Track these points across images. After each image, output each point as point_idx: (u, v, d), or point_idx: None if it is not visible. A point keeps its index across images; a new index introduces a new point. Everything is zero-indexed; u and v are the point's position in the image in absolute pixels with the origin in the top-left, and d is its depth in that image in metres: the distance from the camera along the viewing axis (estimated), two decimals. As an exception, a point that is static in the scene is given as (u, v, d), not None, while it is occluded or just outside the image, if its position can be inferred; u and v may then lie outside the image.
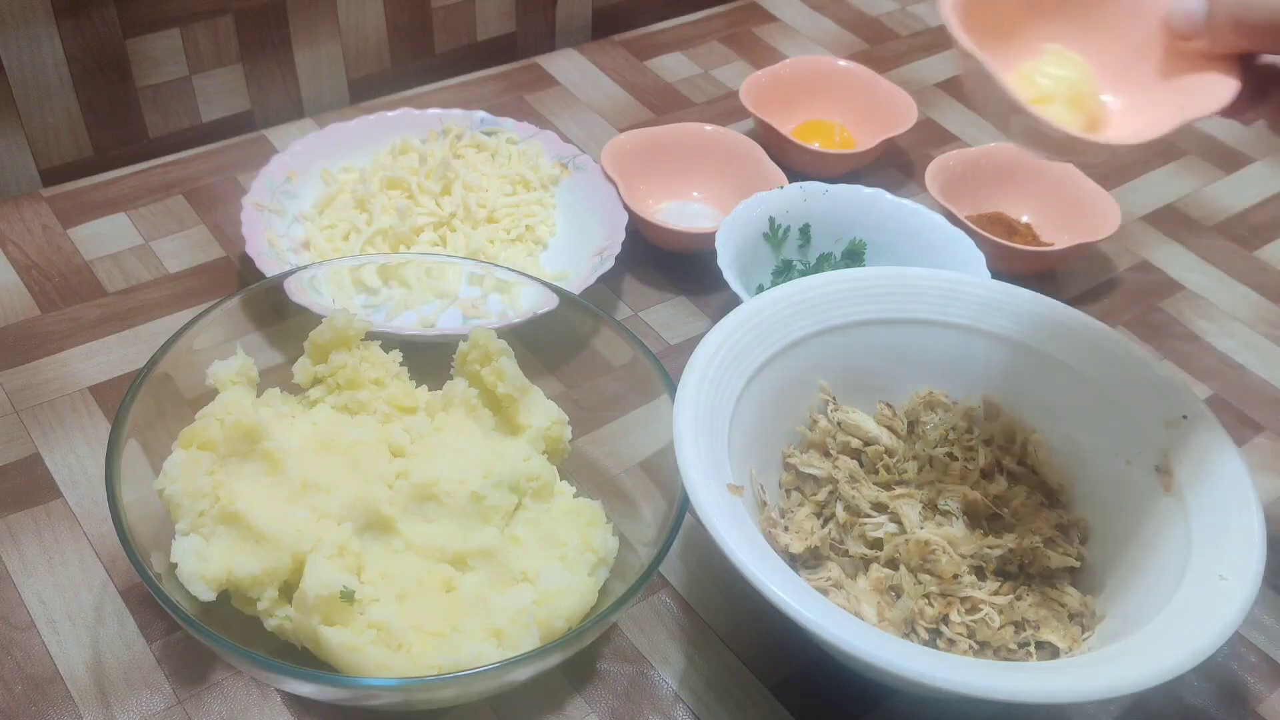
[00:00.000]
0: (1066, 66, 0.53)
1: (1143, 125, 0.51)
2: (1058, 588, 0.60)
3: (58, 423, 0.70)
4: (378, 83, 1.00)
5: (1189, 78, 0.51)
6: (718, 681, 0.60)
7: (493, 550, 0.58)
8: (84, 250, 0.81)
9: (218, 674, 0.59)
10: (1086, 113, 0.52)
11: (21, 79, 0.83)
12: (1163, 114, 0.51)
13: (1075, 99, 0.52)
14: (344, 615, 0.54)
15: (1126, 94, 0.54)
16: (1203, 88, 0.51)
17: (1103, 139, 0.51)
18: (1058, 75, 0.53)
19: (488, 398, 0.64)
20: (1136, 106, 0.53)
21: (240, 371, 0.60)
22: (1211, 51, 0.50)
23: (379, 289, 0.75)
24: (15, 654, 0.59)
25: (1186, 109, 0.50)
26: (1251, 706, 0.62)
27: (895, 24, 1.14)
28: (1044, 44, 0.55)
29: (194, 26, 0.88)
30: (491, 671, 0.51)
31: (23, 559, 0.63)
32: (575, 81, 1.01)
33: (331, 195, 0.83)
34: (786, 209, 0.80)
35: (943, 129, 1.01)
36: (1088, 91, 0.53)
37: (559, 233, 0.85)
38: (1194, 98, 0.50)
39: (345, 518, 0.57)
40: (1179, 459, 0.59)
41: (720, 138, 0.90)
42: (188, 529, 0.55)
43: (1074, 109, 0.52)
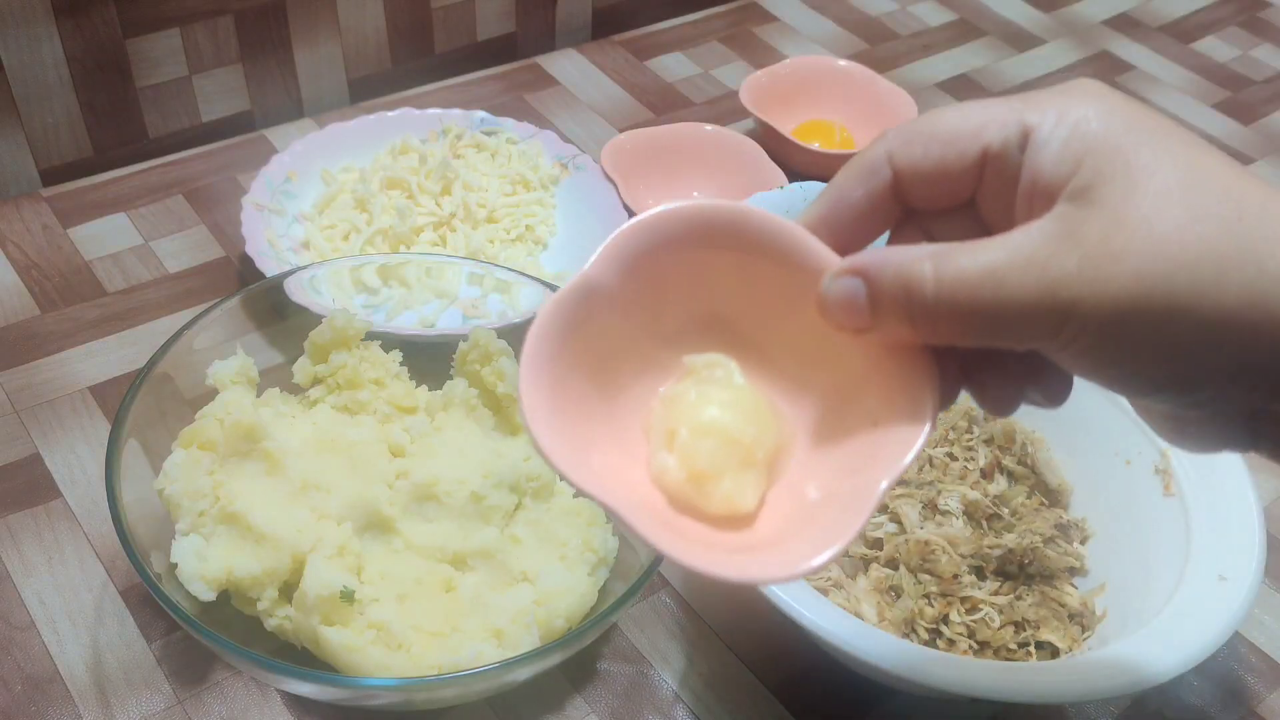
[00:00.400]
0: (714, 405, 0.37)
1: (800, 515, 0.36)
2: (1058, 588, 0.60)
3: (58, 423, 0.70)
4: (378, 83, 1.00)
5: (867, 397, 0.37)
6: (718, 681, 0.60)
7: (493, 550, 0.58)
8: (84, 250, 0.81)
9: (218, 674, 0.59)
10: (761, 459, 0.37)
11: (21, 79, 0.83)
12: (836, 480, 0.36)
13: (742, 455, 0.37)
14: (344, 615, 0.53)
15: (793, 397, 0.39)
16: (886, 426, 0.36)
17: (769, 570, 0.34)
18: (707, 434, 0.37)
19: (488, 398, 0.64)
20: (811, 430, 0.38)
21: (240, 371, 0.60)
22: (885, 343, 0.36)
23: (379, 289, 0.75)
24: (15, 654, 0.59)
25: (858, 490, 0.35)
26: (1251, 706, 0.62)
27: (895, 24, 1.14)
28: (682, 359, 0.39)
29: (194, 26, 0.88)
30: (491, 671, 0.51)
31: (23, 559, 0.63)
32: (575, 81, 1.01)
33: (331, 195, 0.83)
34: (786, 209, 0.80)
35: (943, 129, 1.00)
36: (750, 436, 0.37)
37: (559, 233, 0.85)
38: (872, 455, 0.36)
39: (345, 518, 0.57)
40: (1179, 459, 0.60)
41: (720, 138, 0.90)
42: (188, 529, 0.55)
43: (744, 470, 0.37)
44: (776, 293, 0.38)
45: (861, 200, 0.37)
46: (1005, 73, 1.08)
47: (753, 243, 0.37)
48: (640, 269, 0.37)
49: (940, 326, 0.34)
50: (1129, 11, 1.19)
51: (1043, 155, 0.33)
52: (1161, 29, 1.16)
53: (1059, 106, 0.34)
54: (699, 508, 0.37)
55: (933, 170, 0.36)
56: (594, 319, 0.37)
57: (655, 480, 0.37)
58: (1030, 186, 0.34)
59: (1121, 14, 1.18)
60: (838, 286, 0.35)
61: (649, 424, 0.38)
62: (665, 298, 0.38)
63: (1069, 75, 1.09)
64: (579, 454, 0.35)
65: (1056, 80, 1.08)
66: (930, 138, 0.35)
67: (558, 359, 0.36)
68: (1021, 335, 0.33)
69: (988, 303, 0.32)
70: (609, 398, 0.38)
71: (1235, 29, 1.18)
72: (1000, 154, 0.34)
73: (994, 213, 0.36)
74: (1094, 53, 1.12)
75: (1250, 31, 1.17)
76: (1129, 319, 0.31)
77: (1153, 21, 1.17)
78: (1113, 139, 0.32)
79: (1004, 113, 0.34)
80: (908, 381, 0.36)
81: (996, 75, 1.08)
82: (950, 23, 1.15)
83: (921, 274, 0.33)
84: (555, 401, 0.36)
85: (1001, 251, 0.33)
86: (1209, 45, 1.15)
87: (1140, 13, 1.19)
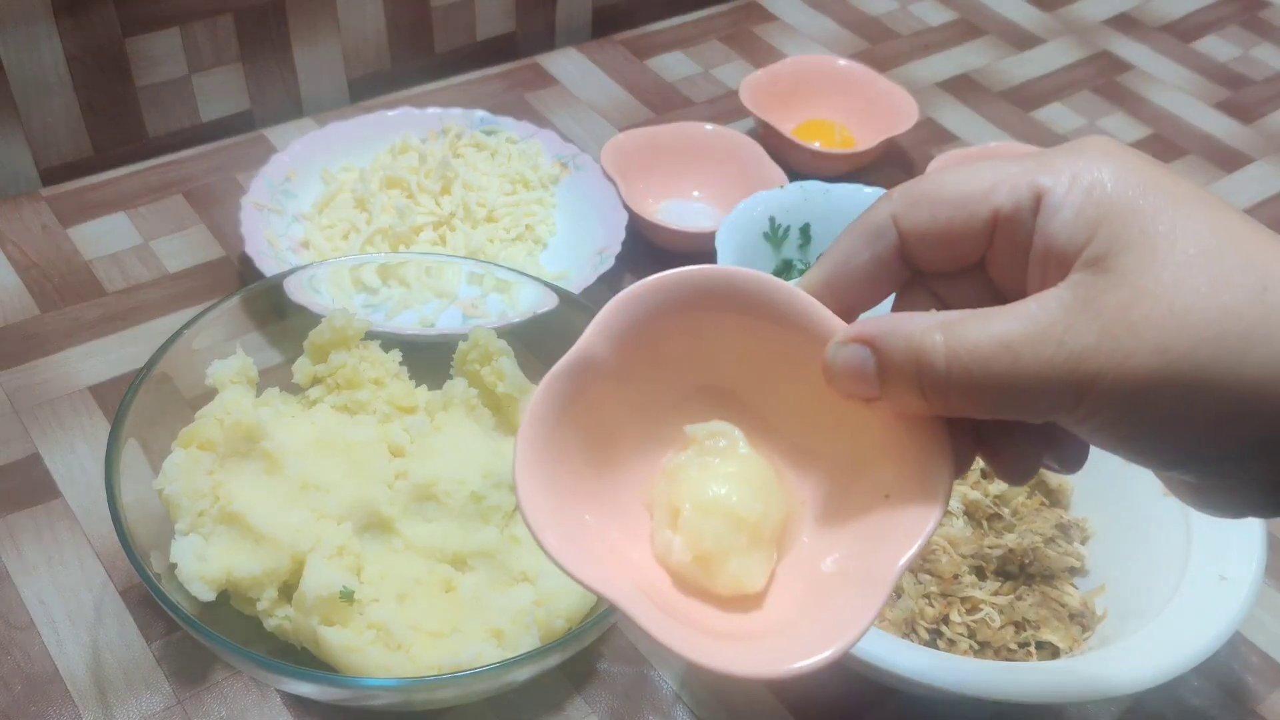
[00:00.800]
0: (719, 480, 0.36)
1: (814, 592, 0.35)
2: (1058, 588, 0.60)
3: (57, 423, 0.70)
4: (377, 82, 1.00)
5: (878, 468, 0.35)
6: (717, 681, 0.60)
7: (493, 550, 0.58)
8: (84, 250, 0.81)
9: (217, 674, 0.58)
10: (769, 535, 0.36)
11: (21, 78, 0.83)
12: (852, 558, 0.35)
13: (750, 532, 0.35)
14: (344, 615, 0.53)
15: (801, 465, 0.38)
16: (894, 509, 0.34)
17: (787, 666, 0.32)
18: (713, 512, 0.35)
19: (487, 397, 0.64)
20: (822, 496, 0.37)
21: (240, 371, 0.60)
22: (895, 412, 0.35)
23: (378, 288, 0.75)
24: (15, 654, 0.59)
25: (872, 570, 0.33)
26: (1251, 707, 0.62)
27: (895, 23, 1.14)
28: (684, 429, 0.37)
29: (194, 26, 0.88)
30: (491, 671, 0.51)
31: (22, 559, 0.63)
32: (575, 81, 1.01)
33: (331, 195, 0.83)
34: (787, 208, 0.79)
35: (943, 128, 1.01)
36: (757, 513, 0.35)
37: (559, 232, 0.85)
38: (884, 531, 0.34)
39: (345, 518, 0.57)
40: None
41: (720, 137, 0.90)
42: (187, 529, 0.55)
43: (752, 548, 0.35)
44: (779, 359, 0.37)
45: (867, 263, 0.36)
46: (1005, 72, 1.08)
47: (753, 307, 0.36)
48: (636, 339, 0.36)
49: (952, 399, 0.32)
50: (1129, 11, 1.19)
51: (1056, 221, 0.32)
52: (1162, 28, 1.16)
53: (1072, 167, 0.32)
54: (706, 588, 0.35)
55: (940, 234, 0.34)
56: (589, 393, 0.36)
57: (659, 559, 0.36)
58: (1043, 253, 0.32)
59: (1122, 13, 1.18)
60: (844, 355, 0.34)
61: (651, 498, 0.37)
62: (663, 367, 0.37)
63: (1070, 75, 1.09)
64: (579, 541, 0.34)
65: (1058, 80, 1.08)
66: (937, 200, 0.34)
67: (553, 438, 0.35)
68: (1037, 408, 0.32)
69: (1002, 376, 0.31)
70: (608, 472, 0.37)
71: (1235, 28, 1.18)
72: (1011, 218, 0.33)
73: (1005, 276, 0.34)
74: (1094, 52, 1.12)
75: (1250, 31, 1.17)
76: (1151, 394, 0.30)
77: (1153, 21, 1.17)
78: (1129, 203, 0.31)
79: (1015, 174, 0.33)
80: (920, 452, 0.34)
81: (997, 75, 1.08)
82: (951, 22, 1.14)
83: (932, 346, 0.32)
84: (553, 486, 0.35)
85: (1016, 322, 0.31)
86: (1209, 45, 1.15)
87: (1140, 12, 1.19)
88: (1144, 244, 0.31)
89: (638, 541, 0.36)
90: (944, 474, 0.34)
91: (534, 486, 0.34)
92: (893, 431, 0.35)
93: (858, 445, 0.36)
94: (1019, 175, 0.33)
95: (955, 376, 0.32)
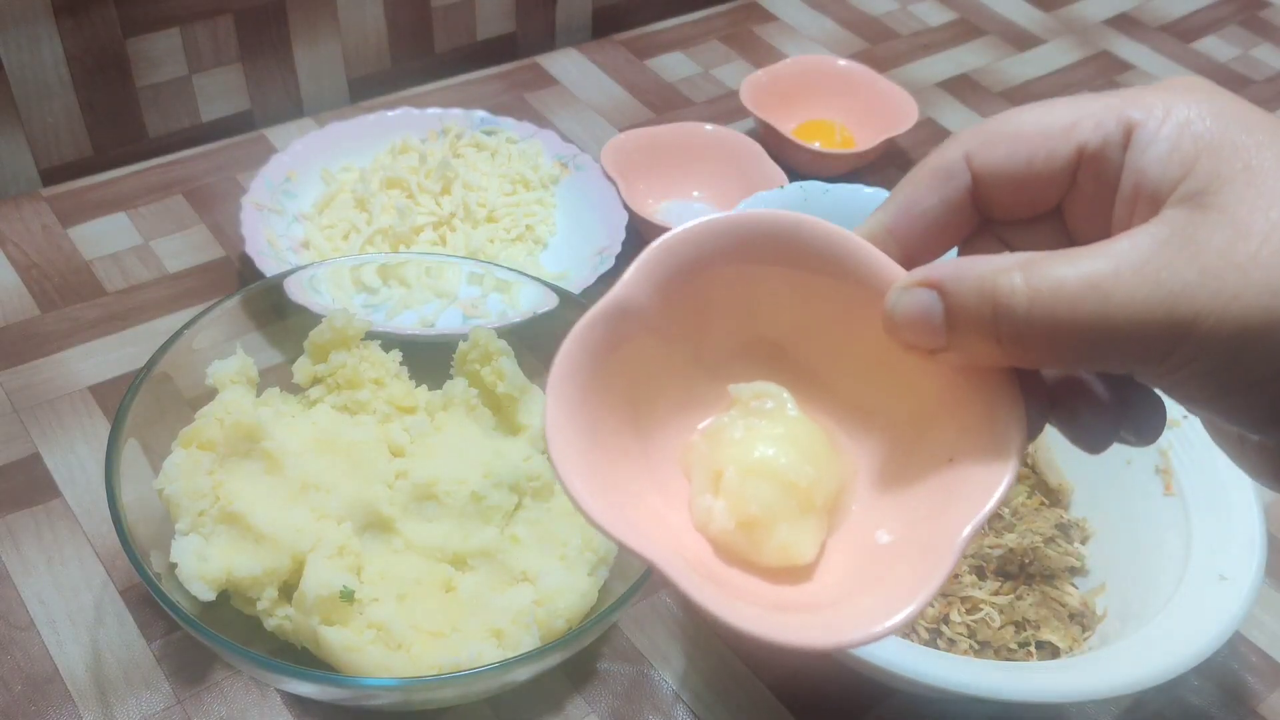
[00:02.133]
0: (765, 441, 0.33)
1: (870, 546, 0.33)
2: (1058, 588, 0.60)
3: (57, 422, 0.70)
4: (378, 82, 1.00)
5: (942, 429, 0.33)
6: (718, 681, 0.60)
7: (493, 550, 0.58)
8: (84, 250, 0.81)
9: (217, 674, 0.58)
10: (821, 503, 0.33)
11: (21, 79, 0.83)
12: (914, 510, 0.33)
13: (800, 499, 0.32)
14: (344, 615, 0.53)
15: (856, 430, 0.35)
16: (964, 471, 0.31)
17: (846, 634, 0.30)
18: (759, 475, 0.33)
19: (487, 397, 0.64)
20: (880, 451, 0.35)
21: (240, 371, 0.60)
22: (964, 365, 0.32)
23: (378, 288, 0.75)
24: (15, 654, 0.59)
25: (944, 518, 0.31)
26: (1252, 706, 0.62)
27: (896, 23, 1.14)
28: (728, 388, 0.35)
29: (194, 26, 0.88)
30: (491, 671, 0.51)
31: (22, 559, 0.63)
32: (575, 81, 1.01)
33: (331, 195, 0.83)
34: (787, 208, 0.79)
35: (944, 129, 1.01)
36: (808, 478, 0.33)
37: (559, 232, 0.85)
38: (948, 497, 0.31)
39: (345, 518, 0.57)
40: (1179, 459, 0.59)
41: (720, 137, 0.90)
42: (187, 529, 0.55)
43: (802, 516, 0.33)
44: (834, 312, 0.34)
45: (936, 208, 0.33)
46: (1005, 72, 1.08)
47: (806, 256, 0.33)
48: (679, 288, 0.33)
49: (1032, 347, 0.29)
50: (1129, 11, 1.19)
51: (1149, 155, 0.30)
52: (1162, 28, 1.16)
53: (1165, 102, 0.30)
54: (750, 559, 0.32)
55: (1019, 173, 0.32)
56: (627, 344, 0.33)
57: (699, 527, 0.33)
58: (1133, 190, 0.30)
59: (1122, 13, 1.18)
60: (908, 300, 0.31)
61: (689, 462, 0.34)
62: (707, 320, 0.34)
63: (1070, 75, 1.09)
64: (615, 501, 0.31)
65: (1058, 80, 1.08)
66: (1016, 137, 0.32)
67: (587, 390, 0.32)
68: (1127, 357, 0.29)
69: (1091, 319, 0.28)
70: (645, 432, 0.34)
71: (1235, 28, 1.18)
72: (1098, 154, 0.31)
73: (1085, 221, 0.32)
74: (1094, 52, 1.12)
75: (1250, 31, 1.17)
76: (1256, 339, 0.27)
77: (1153, 21, 1.17)
78: (1230, 137, 0.29)
79: (1100, 109, 0.31)
80: (988, 410, 0.31)
81: (997, 75, 1.08)
82: (951, 22, 1.14)
83: (1010, 287, 0.29)
84: (587, 443, 0.32)
85: (1105, 260, 0.29)
86: (1209, 45, 1.15)
87: (1141, 12, 1.19)
88: (1248, 179, 0.28)
89: (677, 508, 0.33)
90: (1016, 433, 0.31)
91: (567, 440, 0.31)
92: (957, 388, 0.32)
93: (918, 404, 0.33)
94: (1105, 110, 0.31)
95: (1037, 319, 0.29)
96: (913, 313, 0.31)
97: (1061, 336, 0.29)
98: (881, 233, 0.33)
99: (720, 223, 0.33)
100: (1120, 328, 0.28)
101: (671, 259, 0.33)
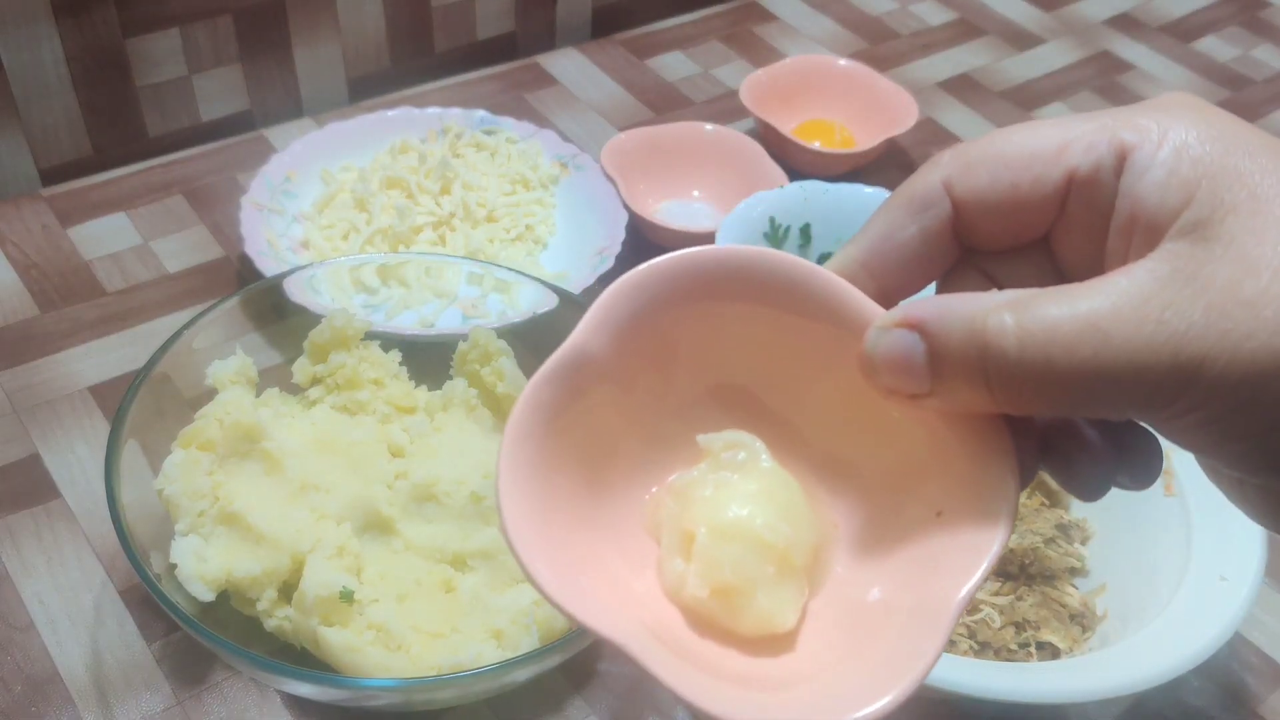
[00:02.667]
0: (738, 498, 0.31)
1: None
2: (1058, 588, 0.60)
3: (57, 423, 0.70)
4: (377, 82, 1.00)
5: (926, 481, 0.31)
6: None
7: (493, 550, 0.58)
8: (83, 250, 0.81)
9: (217, 674, 0.58)
10: (800, 563, 0.31)
11: (21, 79, 0.83)
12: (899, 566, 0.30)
13: (777, 561, 0.30)
14: (344, 616, 0.53)
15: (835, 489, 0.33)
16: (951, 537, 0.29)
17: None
18: (732, 537, 0.30)
19: (487, 398, 0.64)
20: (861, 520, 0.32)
21: (239, 371, 0.60)
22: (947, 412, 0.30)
23: (378, 289, 0.75)
24: (15, 654, 0.59)
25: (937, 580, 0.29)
26: (1252, 707, 0.61)
27: (896, 23, 1.14)
28: (696, 438, 0.32)
29: (194, 26, 0.88)
30: (491, 672, 0.51)
31: (22, 559, 0.63)
32: (575, 81, 1.01)
33: (331, 195, 0.83)
34: (787, 208, 0.79)
35: (944, 128, 1.00)
36: (785, 538, 0.30)
37: (558, 232, 0.85)
38: (936, 556, 0.29)
39: (345, 518, 0.57)
40: (1180, 460, 0.59)
41: (720, 137, 0.90)
42: (187, 529, 0.55)
43: (781, 580, 0.30)
44: (806, 354, 0.31)
45: (914, 239, 0.31)
46: (1006, 72, 1.08)
47: (774, 292, 0.31)
48: (639, 333, 0.31)
49: (1025, 392, 0.27)
50: (1129, 11, 1.19)
51: (1145, 181, 0.28)
52: (1162, 28, 1.16)
53: (1159, 123, 0.28)
54: (726, 627, 0.30)
55: (1003, 200, 0.30)
56: (585, 396, 0.31)
57: (669, 593, 0.30)
58: (1129, 219, 0.28)
59: (1122, 13, 1.18)
60: (887, 341, 0.29)
61: (656, 522, 0.32)
62: (672, 365, 0.32)
63: (1070, 75, 1.09)
64: (575, 574, 0.29)
65: (1058, 80, 1.08)
66: (999, 161, 0.30)
67: (542, 453, 0.30)
68: (1128, 403, 0.27)
69: (1089, 362, 0.26)
70: (605, 491, 0.31)
71: (1236, 28, 1.18)
72: (1090, 179, 0.29)
73: (1075, 251, 0.30)
74: (1095, 52, 1.12)
75: (1251, 31, 1.17)
76: (1268, 382, 0.25)
77: (1153, 21, 1.17)
78: (1231, 163, 0.27)
79: (1091, 131, 0.29)
80: (978, 461, 0.29)
81: (997, 75, 1.08)
82: (951, 22, 1.14)
83: (1000, 328, 0.27)
84: (542, 511, 0.29)
85: (1104, 298, 0.26)
86: (1209, 45, 1.15)
87: (1141, 12, 1.19)
88: (1253, 208, 0.26)
89: (643, 573, 0.31)
90: (1008, 484, 0.29)
91: (521, 512, 0.29)
92: (942, 436, 0.30)
93: (899, 453, 0.31)
94: (1096, 132, 0.29)
95: (1030, 363, 0.27)
96: (893, 355, 0.29)
97: (1057, 381, 0.27)
98: (854, 267, 0.31)
99: (680, 259, 0.31)
100: (1121, 372, 0.26)
101: (629, 302, 0.31)
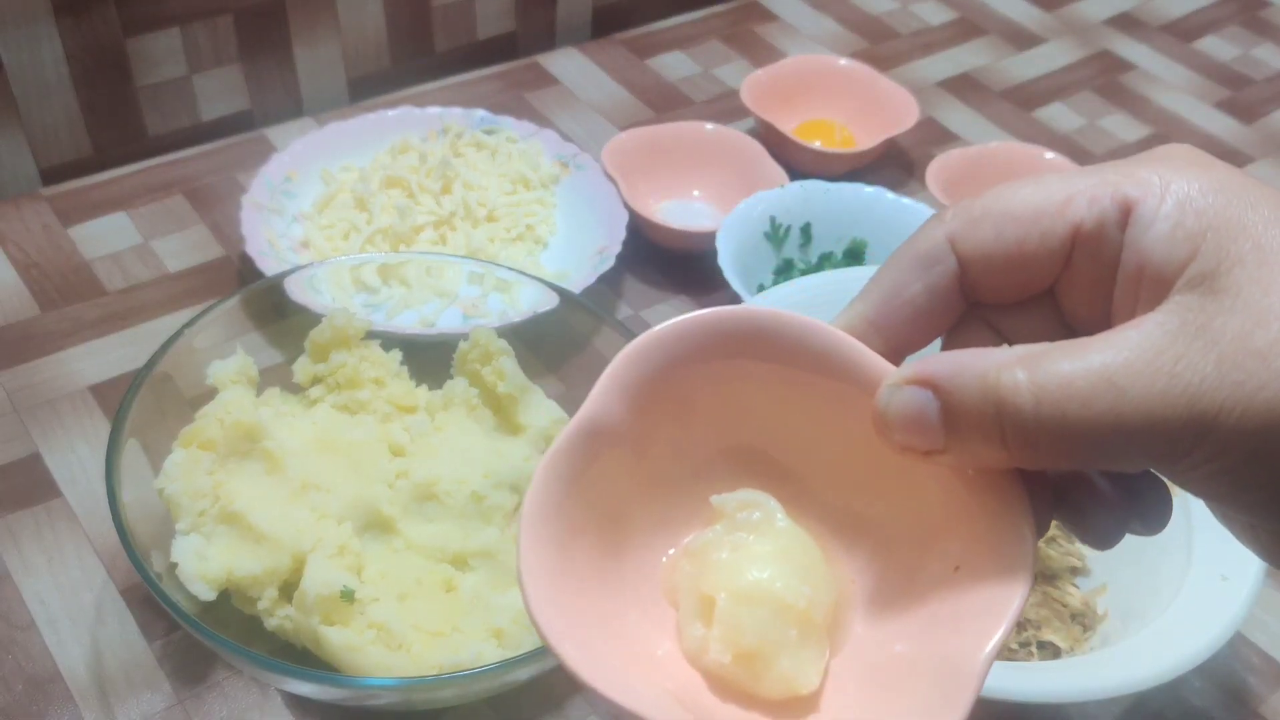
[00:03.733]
0: (757, 561, 0.31)
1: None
2: (1059, 588, 0.60)
3: (58, 422, 0.70)
4: (377, 82, 1.00)
5: (943, 537, 0.31)
6: None
7: (493, 550, 0.58)
8: (84, 249, 0.81)
9: (218, 674, 0.58)
10: (821, 623, 0.31)
11: (21, 78, 0.83)
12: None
13: (799, 623, 0.30)
14: (344, 615, 0.53)
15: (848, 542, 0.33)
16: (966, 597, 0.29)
17: None
18: (752, 601, 0.30)
19: (488, 397, 0.64)
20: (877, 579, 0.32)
21: (240, 371, 0.60)
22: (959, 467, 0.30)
23: (379, 288, 0.75)
24: (15, 654, 0.59)
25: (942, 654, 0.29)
26: (1253, 707, 0.61)
27: (896, 23, 1.14)
28: (710, 499, 0.32)
29: (194, 26, 0.88)
30: (492, 671, 0.51)
31: (23, 559, 0.63)
32: (575, 80, 1.01)
33: (331, 194, 0.83)
34: (787, 208, 0.79)
35: (944, 128, 1.00)
36: (805, 599, 0.30)
37: (559, 232, 0.85)
38: (957, 612, 0.29)
39: (345, 517, 0.57)
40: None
41: (721, 137, 0.89)
42: (188, 529, 0.55)
43: (803, 641, 0.30)
44: (819, 411, 0.32)
45: (920, 295, 0.31)
46: (1006, 72, 1.08)
47: (785, 352, 0.31)
48: (651, 396, 0.31)
49: (1040, 448, 0.27)
50: (1130, 10, 1.18)
51: (1150, 235, 0.28)
52: (1162, 28, 1.16)
53: (1161, 177, 0.28)
54: (749, 691, 0.30)
55: (1009, 255, 0.30)
56: (599, 462, 0.31)
57: (690, 659, 0.31)
58: (1135, 273, 0.28)
59: (1123, 13, 1.18)
60: (901, 400, 0.29)
61: (674, 585, 0.32)
62: (686, 425, 0.32)
63: (1071, 74, 1.09)
64: (599, 647, 0.29)
65: (1059, 79, 1.08)
66: (1004, 216, 0.30)
67: (562, 523, 0.30)
68: (1144, 455, 0.27)
69: (1105, 417, 0.26)
70: (622, 555, 0.32)
71: (1236, 28, 1.18)
72: (1095, 234, 0.29)
73: (1082, 305, 0.30)
74: (1095, 52, 1.12)
75: (1251, 31, 1.17)
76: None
77: (1154, 20, 1.17)
78: (1234, 214, 0.27)
79: (1094, 185, 0.29)
80: (993, 514, 0.29)
81: (997, 74, 1.08)
82: (951, 21, 1.14)
83: (1014, 384, 0.27)
84: (564, 582, 0.29)
85: (1116, 352, 0.27)
86: (1210, 44, 1.15)
87: (1141, 12, 1.18)
88: (1259, 259, 0.27)
89: (662, 636, 0.31)
90: (1025, 538, 0.29)
91: (545, 595, 0.29)
92: (957, 491, 0.30)
93: (914, 509, 0.31)
94: (1099, 186, 0.29)
95: (1046, 419, 0.27)
96: (906, 413, 0.29)
97: (1073, 436, 0.27)
98: (862, 324, 0.32)
99: (692, 321, 0.31)
100: (1137, 425, 0.26)
101: (639, 367, 0.31)
